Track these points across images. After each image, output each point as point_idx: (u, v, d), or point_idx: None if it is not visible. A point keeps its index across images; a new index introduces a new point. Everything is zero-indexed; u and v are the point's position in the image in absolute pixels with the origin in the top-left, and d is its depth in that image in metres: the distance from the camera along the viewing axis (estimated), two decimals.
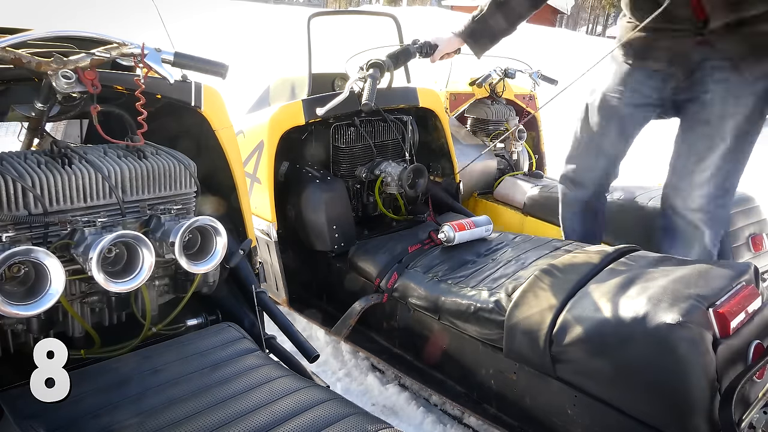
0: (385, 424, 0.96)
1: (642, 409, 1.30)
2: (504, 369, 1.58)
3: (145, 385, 1.05)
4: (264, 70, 5.81)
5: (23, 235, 1.07)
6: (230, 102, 1.52)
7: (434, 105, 2.40)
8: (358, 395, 2.00)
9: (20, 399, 1.00)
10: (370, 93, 1.84)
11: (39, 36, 1.21)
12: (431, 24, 11.93)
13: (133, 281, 1.12)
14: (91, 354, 1.24)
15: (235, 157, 1.51)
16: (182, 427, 0.94)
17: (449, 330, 1.72)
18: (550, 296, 1.50)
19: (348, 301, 1.97)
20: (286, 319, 1.42)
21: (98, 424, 0.95)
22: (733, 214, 2.34)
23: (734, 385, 1.23)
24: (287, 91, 2.94)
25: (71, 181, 1.16)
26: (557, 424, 1.48)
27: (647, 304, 1.34)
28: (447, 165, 2.50)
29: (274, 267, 2.12)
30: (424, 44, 2.06)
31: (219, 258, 1.26)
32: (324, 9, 8.29)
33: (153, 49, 1.23)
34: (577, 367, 1.40)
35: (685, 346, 1.24)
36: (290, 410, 0.99)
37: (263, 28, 13.95)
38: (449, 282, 1.77)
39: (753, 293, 1.41)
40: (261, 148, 2.04)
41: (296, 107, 2.05)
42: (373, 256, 2.01)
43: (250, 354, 1.19)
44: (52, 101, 1.22)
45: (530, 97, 3.40)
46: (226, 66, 1.30)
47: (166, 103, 1.40)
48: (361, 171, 2.28)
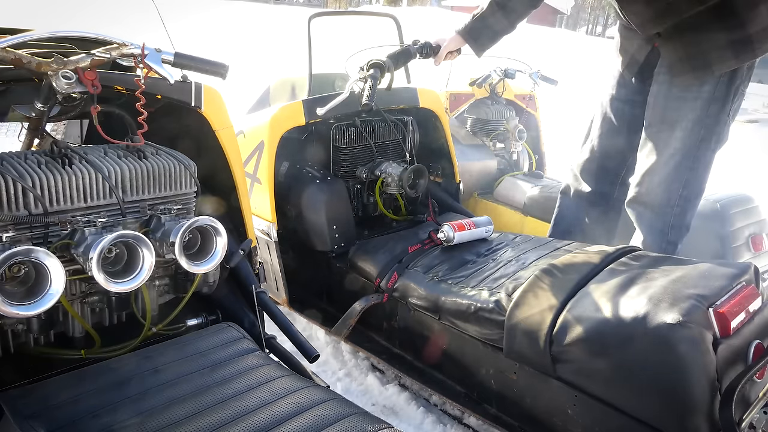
0: (385, 424, 0.96)
1: (642, 409, 1.30)
2: (504, 369, 1.58)
3: (145, 385, 1.05)
4: (264, 70, 5.82)
5: (23, 235, 1.07)
6: (230, 102, 1.52)
7: (434, 105, 2.40)
8: (358, 395, 2.00)
9: (20, 399, 1.00)
10: (370, 93, 1.84)
11: (39, 36, 1.21)
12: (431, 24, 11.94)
13: (134, 281, 1.12)
14: (91, 354, 1.24)
15: (235, 157, 1.51)
16: (182, 427, 0.94)
17: (449, 330, 1.72)
18: (550, 296, 1.50)
19: (348, 301, 1.97)
20: (286, 319, 1.42)
21: (98, 424, 0.95)
22: (733, 214, 2.34)
23: (734, 385, 1.23)
24: (287, 91, 2.94)
25: (71, 181, 1.16)
26: (557, 424, 1.48)
27: (647, 304, 1.34)
28: (447, 165, 2.50)
29: (274, 267, 2.12)
30: (424, 45, 2.06)
31: (219, 258, 1.26)
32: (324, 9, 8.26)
33: (153, 50, 1.23)
34: (578, 367, 1.40)
35: (685, 346, 1.24)
36: (290, 410, 0.99)
37: (263, 28, 13.94)
38: (449, 282, 1.77)
39: (753, 293, 1.41)
40: (261, 149, 2.04)
41: (296, 107, 2.05)
42: (373, 256, 2.01)
43: (250, 354, 1.19)
44: (53, 101, 1.22)
45: (530, 97, 3.41)
46: (226, 66, 1.31)
47: (166, 104, 1.40)
48: (362, 171, 2.28)
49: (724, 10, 1.63)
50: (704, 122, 1.76)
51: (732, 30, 1.65)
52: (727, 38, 1.66)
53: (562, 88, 3.53)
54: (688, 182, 1.81)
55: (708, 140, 1.77)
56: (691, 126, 1.77)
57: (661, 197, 1.84)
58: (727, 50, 1.67)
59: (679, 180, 1.81)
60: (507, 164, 3.32)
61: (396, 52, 2.01)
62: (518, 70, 3.22)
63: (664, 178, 1.83)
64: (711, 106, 1.74)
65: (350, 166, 2.29)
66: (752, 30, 1.64)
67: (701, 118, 1.75)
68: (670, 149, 1.80)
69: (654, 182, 1.85)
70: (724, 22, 1.65)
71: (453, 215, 2.36)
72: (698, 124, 1.76)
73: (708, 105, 1.74)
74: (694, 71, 1.73)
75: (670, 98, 1.80)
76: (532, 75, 3.27)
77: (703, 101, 1.74)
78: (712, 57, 1.69)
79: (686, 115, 1.77)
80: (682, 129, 1.78)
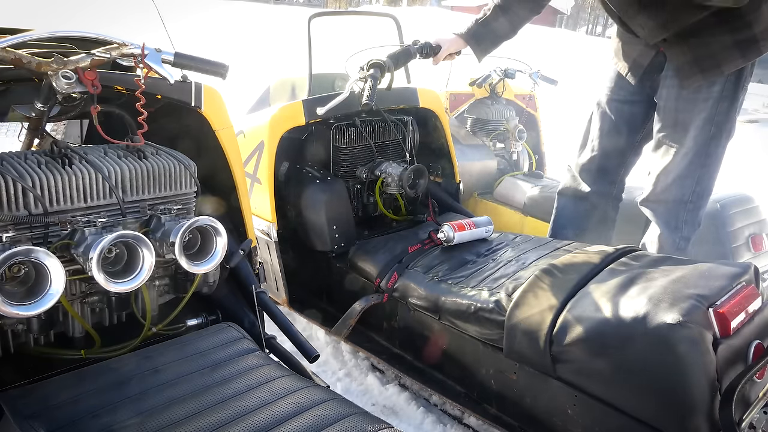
0: (385, 424, 0.96)
1: (642, 409, 1.30)
2: (504, 369, 1.58)
3: (145, 385, 1.05)
4: (264, 70, 5.81)
5: (23, 235, 1.07)
6: (230, 102, 1.52)
7: (434, 105, 2.40)
8: (358, 395, 2.00)
9: (20, 399, 1.00)
10: (370, 93, 1.84)
11: (39, 36, 1.21)
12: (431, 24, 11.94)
13: (134, 281, 1.12)
14: (91, 354, 1.24)
15: (235, 157, 1.51)
16: (182, 427, 0.94)
17: (449, 330, 1.72)
18: (550, 296, 1.50)
19: (348, 301, 1.97)
20: (286, 319, 1.42)
21: (98, 424, 0.95)
22: (733, 214, 2.34)
23: (734, 385, 1.23)
24: (287, 91, 2.94)
25: (71, 181, 1.16)
26: (557, 424, 1.48)
27: (647, 304, 1.34)
28: (447, 165, 2.50)
29: (274, 267, 2.12)
30: (424, 45, 2.06)
31: (219, 258, 1.26)
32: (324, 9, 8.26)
33: (153, 50, 1.23)
34: (578, 367, 1.40)
35: (685, 346, 1.24)
36: (290, 410, 0.99)
37: (263, 28, 13.94)
38: (449, 282, 1.77)
39: (753, 293, 1.41)
40: (261, 149, 2.04)
41: (296, 107, 2.05)
42: (373, 256, 2.01)
43: (250, 354, 1.19)
44: (53, 101, 1.22)
45: (530, 97, 3.41)
46: (226, 66, 1.30)
47: (166, 104, 1.40)
48: (362, 171, 2.28)
49: (729, 14, 1.66)
50: (715, 120, 1.79)
51: (738, 31, 1.69)
52: (734, 39, 1.70)
53: (562, 88, 3.53)
54: (701, 178, 1.85)
55: (719, 137, 1.82)
56: (702, 125, 1.80)
57: (675, 194, 1.88)
58: (735, 50, 1.71)
59: (692, 177, 1.85)
60: (507, 164, 3.32)
61: (396, 52, 2.01)
62: (518, 70, 3.23)
63: (678, 175, 1.86)
64: (721, 104, 1.78)
65: (350, 166, 2.29)
66: (757, 30, 1.68)
67: (712, 116, 1.79)
68: (684, 148, 1.84)
69: (668, 180, 1.88)
70: (730, 24, 1.68)
71: (453, 215, 2.36)
72: (709, 123, 1.80)
73: (718, 103, 1.78)
74: (704, 72, 1.76)
75: (681, 100, 1.82)
76: (532, 75, 3.27)
77: (714, 100, 1.78)
78: (720, 57, 1.72)
79: (698, 114, 1.80)
80: (695, 128, 1.81)
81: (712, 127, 1.80)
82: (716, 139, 1.81)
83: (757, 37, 1.69)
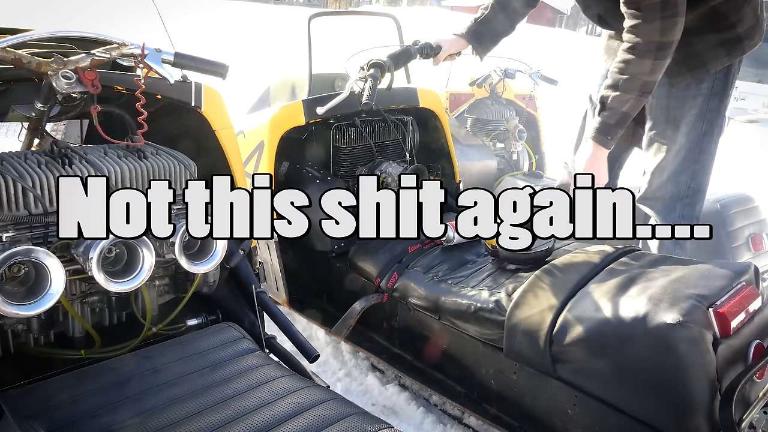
0: (385, 424, 0.96)
1: (642, 408, 1.30)
2: (504, 369, 1.58)
3: (145, 385, 1.05)
4: (264, 70, 5.81)
5: (23, 235, 1.07)
6: (230, 102, 1.52)
7: (434, 105, 2.40)
8: (358, 395, 2.00)
9: (20, 399, 1.00)
10: (370, 93, 1.84)
11: (39, 36, 1.21)
12: (431, 24, 11.94)
13: (134, 281, 1.12)
14: (91, 354, 1.24)
15: (235, 157, 1.51)
16: (182, 427, 0.94)
17: (449, 330, 1.72)
18: (550, 296, 1.50)
19: (348, 301, 1.97)
20: (286, 319, 1.42)
21: (98, 424, 0.95)
22: (733, 214, 2.34)
23: (734, 385, 1.23)
24: (287, 91, 2.94)
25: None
26: (557, 424, 1.48)
27: (647, 304, 1.34)
28: (447, 165, 2.50)
29: (274, 267, 2.12)
30: (425, 45, 2.06)
31: (219, 258, 1.26)
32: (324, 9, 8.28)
33: (153, 50, 1.23)
34: (578, 366, 1.40)
35: (685, 346, 1.24)
36: (290, 410, 0.99)
37: (263, 28, 13.94)
38: (449, 282, 1.77)
39: (753, 293, 1.41)
40: (261, 148, 2.04)
41: (296, 107, 2.05)
42: (373, 256, 2.01)
43: (250, 354, 1.19)
44: (53, 101, 1.22)
45: (530, 97, 3.41)
46: (226, 66, 1.30)
47: (166, 104, 1.40)
48: (362, 171, 2.28)
49: (714, 15, 1.71)
50: (706, 116, 1.82)
51: (722, 31, 1.74)
52: (719, 38, 1.74)
53: (562, 88, 3.53)
54: (695, 174, 1.87)
55: (711, 133, 1.84)
56: (693, 121, 1.83)
57: (671, 190, 1.90)
58: (720, 49, 1.75)
59: (687, 173, 1.87)
60: (507, 164, 3.32)
61: (396, 52, 2.01)
62: (518, 70, 3.23)
63: (672, 172, 1.88)
64: (711, 101, 1.81)
65: (350, 166, 2.28)
66: (741, 30, 1.74)
67: (703, 113, 1.82)
68: (677, 145, 1.86)
69: (663, 177, 1.90)
70: (714, 24, 1.73)
71: (453, 215, 2.36)
72: (701, 119, 1.82)
73: (708, 100, 1.81)
74: (691, 71, 1.79)
75: (671, 98, 1.84)
76: (532, 75, 3.27)
77: (704, 97, 1.81)
78: (706, 57, 1.76)
79: (688, 111, 1.83)
80: (686, 125, 1.84)
81: (704, 124, 1.83)
82: (708, 135, 1.84)
83: (741, 36, 1.74)
